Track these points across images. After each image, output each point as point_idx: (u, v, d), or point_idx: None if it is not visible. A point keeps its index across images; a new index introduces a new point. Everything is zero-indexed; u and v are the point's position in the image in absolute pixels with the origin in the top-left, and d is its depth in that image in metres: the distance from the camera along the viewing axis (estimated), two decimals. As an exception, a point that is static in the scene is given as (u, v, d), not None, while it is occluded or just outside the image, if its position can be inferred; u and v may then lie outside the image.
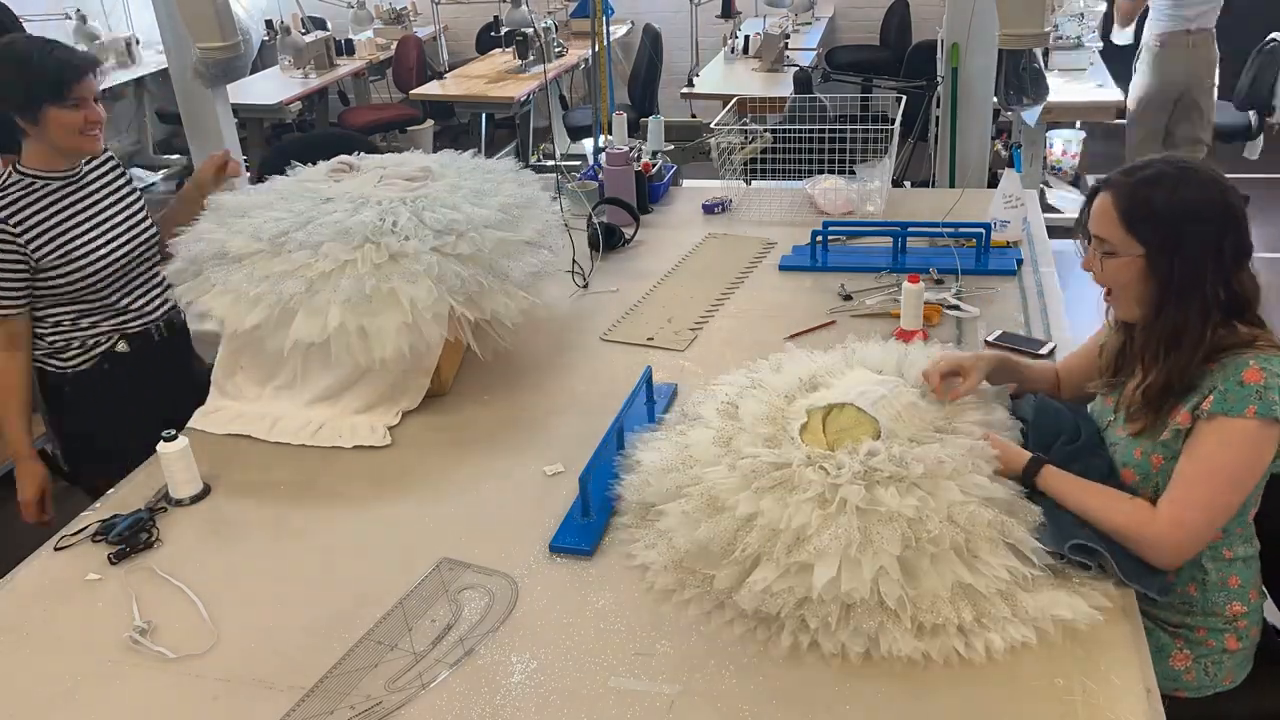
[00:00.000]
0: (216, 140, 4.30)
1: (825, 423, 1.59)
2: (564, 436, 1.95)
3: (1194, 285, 1.47)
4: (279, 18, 6.78)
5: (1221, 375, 1.46)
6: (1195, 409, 1.47)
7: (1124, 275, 1.52)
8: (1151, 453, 1.54)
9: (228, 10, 3.86)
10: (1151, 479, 1.54)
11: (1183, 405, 1.49)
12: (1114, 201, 1.51)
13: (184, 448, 1.79)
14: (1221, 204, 1.47)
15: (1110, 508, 1.49)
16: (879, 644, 1.35)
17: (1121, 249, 1.51)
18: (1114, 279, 1.54)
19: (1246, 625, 1.61)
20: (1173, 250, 1.47)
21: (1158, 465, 1.53)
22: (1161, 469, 1.52)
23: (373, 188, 2.12)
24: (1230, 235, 1.47)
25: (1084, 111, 4.92)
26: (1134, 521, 1.47)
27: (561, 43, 6.32)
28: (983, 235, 2.55)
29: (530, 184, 2.28)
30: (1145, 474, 1.55)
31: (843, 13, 7.48)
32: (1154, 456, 1.54)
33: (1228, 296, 1.48)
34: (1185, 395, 1.49)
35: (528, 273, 2.08)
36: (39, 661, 1.47)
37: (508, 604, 1.51)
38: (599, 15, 3.88)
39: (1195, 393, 1.48)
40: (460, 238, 1.99)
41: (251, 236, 1.99)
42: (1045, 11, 3.17)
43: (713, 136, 3.10)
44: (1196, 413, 1.46)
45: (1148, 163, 1.53)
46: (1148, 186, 1.49)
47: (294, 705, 1.35)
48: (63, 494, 3.60)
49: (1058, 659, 1.34)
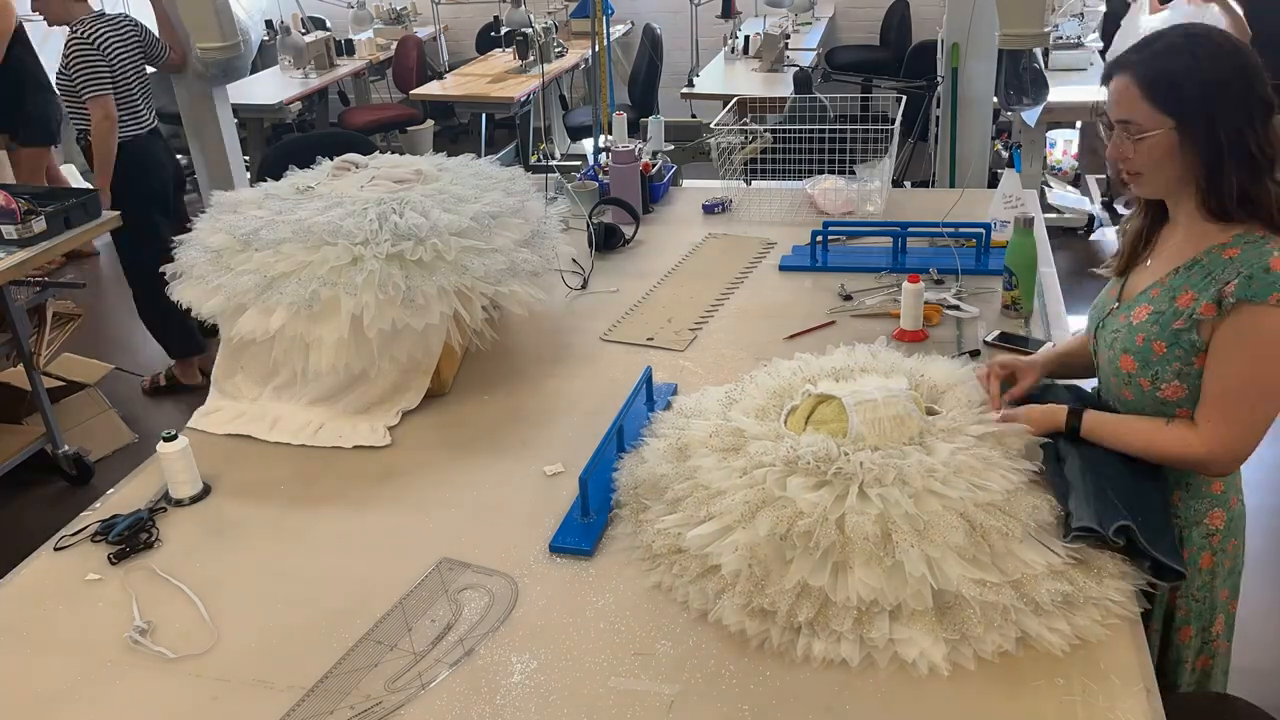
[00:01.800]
0: (217, 140, 4.30)
1: (813, 411, 1.60)
2: (564, 436, 1.95)
3: (1233, 144, 1.43)
4: (279, 18, 6.79)
5: (1246, 261, 1.42)
6: (1217, 298, 1.43)
7: (1157, 152, 1.47)
8: (1155, 339, 1.50)
9: (228, 10, 3.87)
10: (1151, 366, 1.51)
11: (1198, 293, 1.45)
12: (1134, 79, 1.46)
13: (184, 448, 1.79)
14: (1239, 62, 1.43)
15: (1155, 439, 1.51)
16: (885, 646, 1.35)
17: (1150, 125, 1.46)
18: (1147, 159, 1.49)
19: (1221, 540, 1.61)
20: (1205, 114, 1.43)
21: (1159, 352, 1.50)
22: (1162, 357, 1.49)
23: (358, 189, 2.12)
24: (1256, 91, 1.43)
25: (1084, 111, 4.93)
26: (1182, 446, 1.48)
27: (561, 43, 6.32)
28: (983, 235, 2.55)
29: (520, 192, 2.23)
30: (1145, 360, 1.51)
31: (843, 13, 7.48)
32: (1156, 343, 1.50)
33: (1261, 152, 1.43)
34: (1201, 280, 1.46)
35: (496, 278, 2.02)
36: (39, 661, 1.47)
37: (508, 604, 1.51)
38: (599, 15, 3.89)
39: (1211, 281, 1.45)
40: (420, 244, 1.96)
41: (228, 232, 2.03)
42: (1045, 11, 3.17)
43: (713, 136, 3.10)
44: (1223, 302, 1.42)
45: (1157, 35, 1.49)
46: (1164, 58, 1.45)
47: (294, 705, 1.35)
48: (63, 494, 3.62)
49: (1058, 659, 1.34)
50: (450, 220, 2.02)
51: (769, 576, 1.41)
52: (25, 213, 3.17)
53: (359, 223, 1.96)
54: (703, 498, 1.52)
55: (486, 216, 2.08)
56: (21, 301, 3.42)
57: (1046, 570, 1.39)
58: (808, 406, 1.62)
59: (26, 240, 3.17)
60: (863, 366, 1.76)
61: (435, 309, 1.94)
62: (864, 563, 1.38)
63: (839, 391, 1.61)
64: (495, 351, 2.17)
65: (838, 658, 1.35)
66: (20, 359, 3.41)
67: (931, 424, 1.57)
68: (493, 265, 2.02)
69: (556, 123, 6.45)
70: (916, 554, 1.37)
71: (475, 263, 1.99)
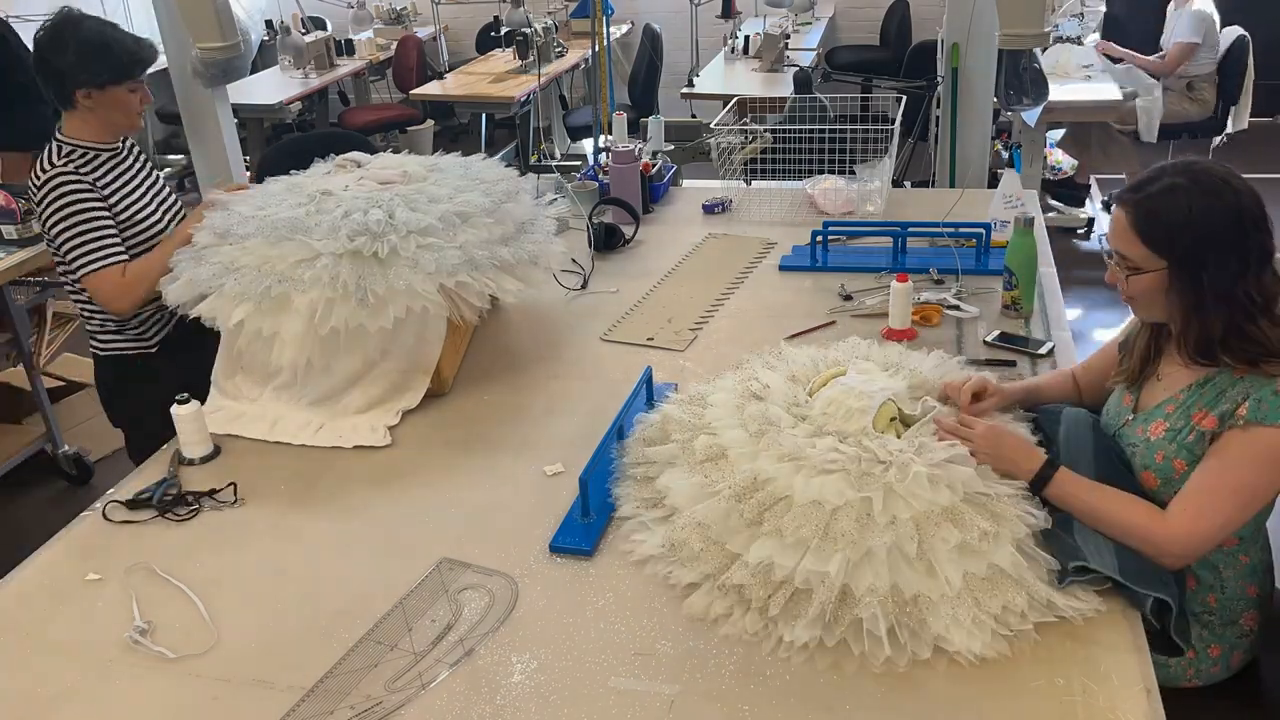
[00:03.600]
0: (217, 140, 4.30)
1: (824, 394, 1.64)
2: (564, 436, 1.95)
3: (1222, 294, 1.45)
4: (279, 18, 6.78)
5: (1256, 384, 1.44)
6: (1226, 416, 1.45)
7: (1150, 290, 1.51)
8: (1174, 457, 1.52)
9: (228, 10, 3.87)
10: (1173, 484, 1.51)
11: (1210, 410, 1.48)
12: (1129, 219, 1.50)
13: (196, 409, 1.91)
14: (1237, 208, 1.45)
15: (1123, 511, 1.47)
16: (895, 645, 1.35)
17: (1144, 264, 1.50)
18: (1140, 294, 1.53)
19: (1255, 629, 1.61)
20: (1196, 262, 1.46)
21: (1180, 470, 1.51)
22: (1184, 474, 1.50)
23: (343, 189, 2.13)
24: (1252, 239, 1.45)
25: (1084, 111, 4.93)
26: (1146, 524, 1.44)
27: (561, 43, 6.32)
28: (983, 235, 2.55)
29: (500, 194, 2.20)
30: (1167, 478, 1.53)
31: (843, 13, 7.48)
32: (1176, 461, 1.52)
33: (1253, 301, 1.46)
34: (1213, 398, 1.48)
35: (451, 270, 2.00)
36: (39, 661, 1.47)
37: (508, 604, 1.51)
38: (599, 15, 3.88)
39: (1224, 399, 1.47)
40: (376, 239, 1.96)
41: (210, 230, 2.10)
42: (1045, 11, 3.17)
43: (713, 136, 3.10)
44: (1231, 420, 1.44)
45: (1158, 172, 1.51)
46: (1161, 199, 1.47)
47: (294, 705, 1.35)
48: (63, 494, 3.62)
49: (1058, 659, 1.34)
50: (412, 218, 2.01)
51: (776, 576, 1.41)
52: (25, 213, 3.17)
53: (320, 220, 1.99)
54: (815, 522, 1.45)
55: (454, 216, 2.07)
56: (21, 301, 3.42)
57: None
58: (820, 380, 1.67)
59: (26, 240, 3.17)
60: (866, 356, 1.80)
61: (389, 310, 1.94)
62: (886, 562, 1.38)
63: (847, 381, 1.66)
64: (495, 352, 2.17)
65: (839, 659, 1.35)
66: (20, 359, 3.41)
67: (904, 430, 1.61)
68: (446, 260, 1.99)
69: (556, 123, 6.44)
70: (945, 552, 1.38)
71: (428, 258, 1.98)
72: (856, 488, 1.43)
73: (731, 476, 1.51)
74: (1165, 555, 1.43)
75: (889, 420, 1.58)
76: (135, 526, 1.76)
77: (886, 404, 1.59)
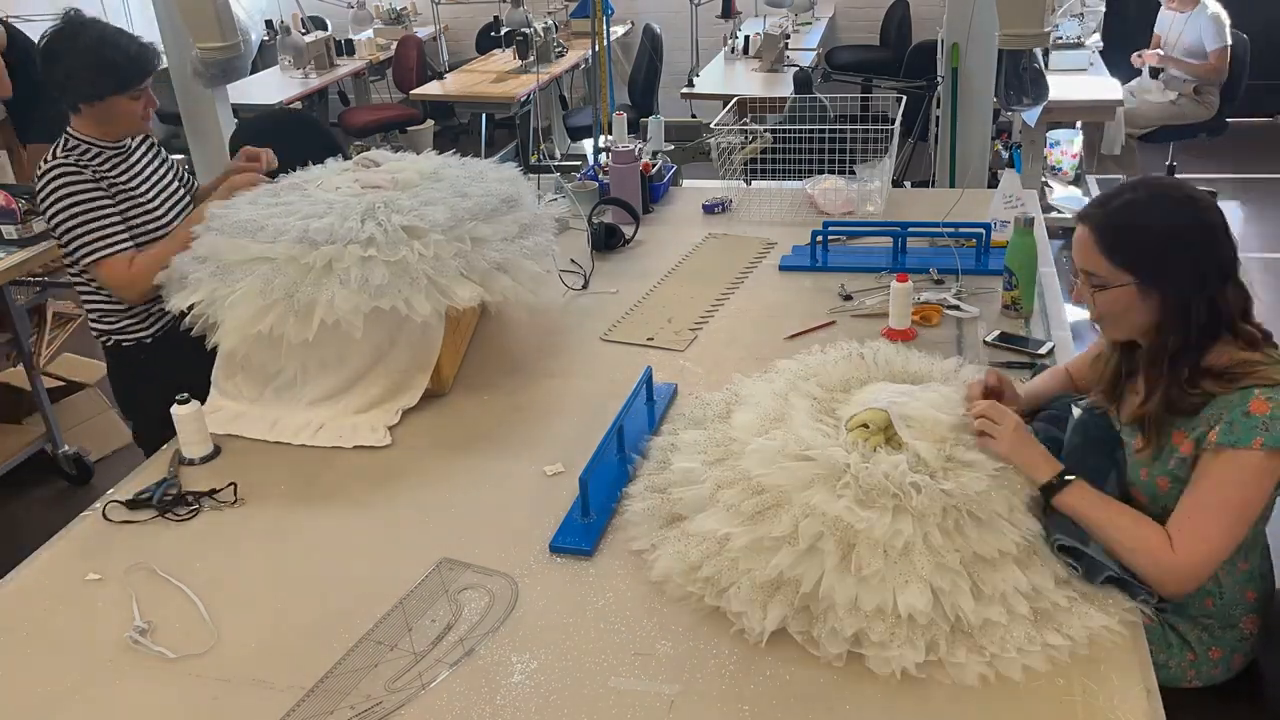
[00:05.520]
0: (217, 140, 4.30)
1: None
2: (564, 436, 1.95)
3: (1185, 307, 1.46)
4: (279, 18, 6.78)
5: (1226, 405, 1.44)
6: (1200, 439, 1.45)
7: (1117, 305, 1.51)
8: (1157, 475, 1.52)
9: (228, 10, 3.87)
10: (1159, 500, 1.52)
11: (1187, 433, 1.48)
12: (1093, 236, 1.50)
13: (196, 409, 1.91)
14: (1199, 224, 1.46)
15: (1132, 530, 1.45)
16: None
17: (1110, 280, 1.50)
18: (1107, 310, 1.53)
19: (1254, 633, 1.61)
20: (1160, 277, 1.47)
21: (1164, 488, 1.51)
22: (1169, 491, 1.50)
23: (333, 190, 2.12)
24: (1214, 252, 1.46)
25: (1084, 111, 4.93)
26: (1150, 549, 1.43)
27: (561, 43, 6.32)
28: (983, 235, 2.55)
29: (478, 196, 2.14)
30: (1153, 495, 1.53)
31: (843, 13, 7.48)
32: (1160, 479, 1.52)
33: (1218, 314, 1.46)
34: (1188, 420, 1.48)
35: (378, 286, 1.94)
36: (39, 661, 1.47)
37: (508, 604, 1.51)
38: (599, 15, 3.88)
39: (1199, 421, 1.46)
40: (313, 248, 1.93)
41: (204, 226, 2.14)
42: (1045, 11, 3.17)
43: (713, 136, 3.10)
44: (1203, 444, 1.44)
45: (1119, 190, 1.52)
46: (1123, 215, 1.49)
47: (294, 705, 1.35)
48: (63, 494, 3.62)
49: (1058, 659, 1.34)
50: (356, 229, 1.95)
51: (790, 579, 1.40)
52: (25, 213, 3.17)
53: (280, 223, 1.99)
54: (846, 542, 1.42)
55: (402, 231, 1.99)
56: (22, 301, 3.42)
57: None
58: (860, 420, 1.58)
59: (26, 240, 3.17)
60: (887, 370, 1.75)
61: (315, 316, 1.90)
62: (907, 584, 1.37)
63: (875, 402, 1.59)
64: (495, 351, 2.17)
65: (839, 658, 1.35)
66: (20, 359, 3.41)
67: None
68: (374, 278, 1.91)
69: (556, 123, 6.44)
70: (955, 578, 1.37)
71: (356, 274, 1.92)
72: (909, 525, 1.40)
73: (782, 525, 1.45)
74: (1164, 582, 1.42)
75: (880, 429, 1.55)
76: (135, 526, 1.76)
77: (882, 413, 1.56)
